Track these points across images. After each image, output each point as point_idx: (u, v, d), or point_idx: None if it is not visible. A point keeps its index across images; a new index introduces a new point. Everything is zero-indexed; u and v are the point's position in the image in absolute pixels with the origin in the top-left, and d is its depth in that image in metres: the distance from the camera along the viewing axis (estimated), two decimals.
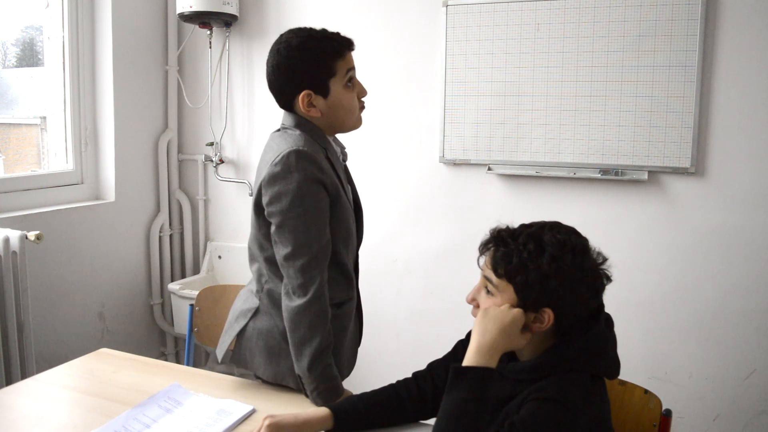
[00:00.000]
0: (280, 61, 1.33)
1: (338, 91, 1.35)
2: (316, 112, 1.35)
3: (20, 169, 2.64)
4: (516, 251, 1.06)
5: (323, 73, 1.32)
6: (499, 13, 2.30)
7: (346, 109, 1.37)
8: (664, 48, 2.10)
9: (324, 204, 1.31)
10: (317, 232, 1.29)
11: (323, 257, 1.31)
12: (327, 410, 1.19)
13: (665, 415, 1.31)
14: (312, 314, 1.29)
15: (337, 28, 1.30)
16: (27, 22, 2.62)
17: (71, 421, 1.26)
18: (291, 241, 1.28)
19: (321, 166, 1.30)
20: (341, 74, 1.34)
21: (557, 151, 2.28)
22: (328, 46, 1.32)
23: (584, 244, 1.08)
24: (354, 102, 1.38)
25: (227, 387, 1.42)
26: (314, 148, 1.32)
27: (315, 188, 1.28)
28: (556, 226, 1.10)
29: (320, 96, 1.34)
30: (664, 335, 2.24)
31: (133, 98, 2.71)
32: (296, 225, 1.28)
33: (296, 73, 1.32)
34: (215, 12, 2.58)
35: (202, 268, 2.95)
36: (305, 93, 1.32)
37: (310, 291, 1.28)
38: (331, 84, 1.33)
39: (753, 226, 2.10)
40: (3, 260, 1.98)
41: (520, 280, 1.05)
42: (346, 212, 1.38)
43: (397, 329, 2.64)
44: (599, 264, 1.08)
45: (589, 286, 1.06)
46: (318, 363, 1.30)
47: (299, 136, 1.32)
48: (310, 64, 1.31)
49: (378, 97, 2.56)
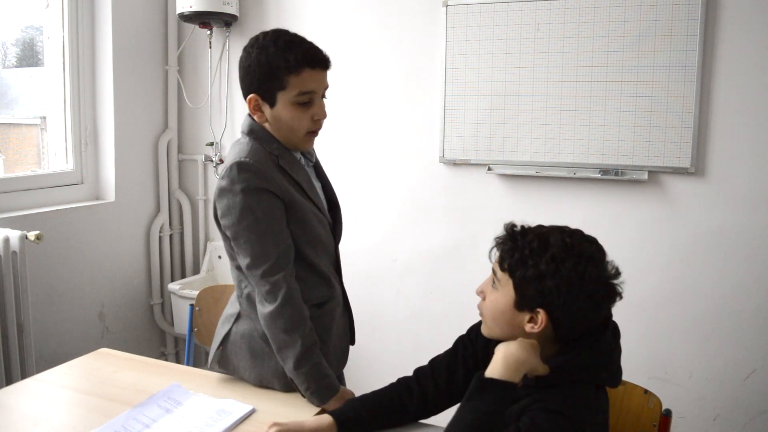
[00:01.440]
0: (243, 58, 1.33)
1: (284, 105, 1.31)
2: (262, 118, 1.34)
3: (20, 169, 2.64)
4: (520, 247, 1.06)
5: (272, 83, 1.29)
6: (499, 13, 2.30)
7: (289, 127, 1.33)
8: (664, 48, 2.10)
9: (275, 210, 1.30)
10: (274, 239, 1.30)
11: (285, 261, 1.31)
12: (330, 418, 1.19)
13: (665, 415, 1.31)
14: (285, 318, 1.30)
15: (337, 28, 1.29)
16: (27, 22, 2.62)
17: (71, 421, 1.26)
18: (248, 252, 1.29)
19: (265, 175, 1.29)
20: (291, 90, 1.29)
21: (557, 151, 2.28)
22: (286, 58, 1.27)
23: (593, 253, 1.05)
24: (300, 122, 1.32)
25: (227, 387, 1.42)
26: (259, 158, 1.30)
27: (262, 197, 1.29)
28: (570, 231, 1.08)
29: (267, 104, 1.32)
30: (664, 335, 2.24)
31: (133, 98, 2.71)
32: (249, 236, 1.29)
33: (249, 74, 1.32)
34: (215, 12, 2.58)
35: (202, 268, 2.95)
36: (252, 96, 1.33)
37: (278, 296, 1.29)
38: (278, 96, 1.30)
39: (753, 226, 2.10)
40: (3, 260, 1.98)
41: (519, 275, 1.05)
42: (307, 215, 1.36)
43: (397, 329, 2.64)
44: (608, 277, 1.05)
45: (589, 295, 1.02)
46: (303, 363, 1.30)
47: (246, 145, 1.33)
48: (262, 69, 1.29)
49: (378, 97, 2.57)
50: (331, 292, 1.45)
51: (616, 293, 1.06)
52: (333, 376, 1.36)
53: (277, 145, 1.35)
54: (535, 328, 1.05)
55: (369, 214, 2.64)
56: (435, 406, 1.25)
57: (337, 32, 2.58)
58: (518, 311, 1.07)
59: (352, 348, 1.59)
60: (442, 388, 1.24)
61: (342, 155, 2.60)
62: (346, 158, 2.61)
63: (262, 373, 1.41)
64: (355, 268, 2.61)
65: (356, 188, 2.63)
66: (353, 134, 2.57)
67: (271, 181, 1.29)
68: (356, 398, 1.26)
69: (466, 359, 1.24)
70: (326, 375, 1.33)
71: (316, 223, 1.39)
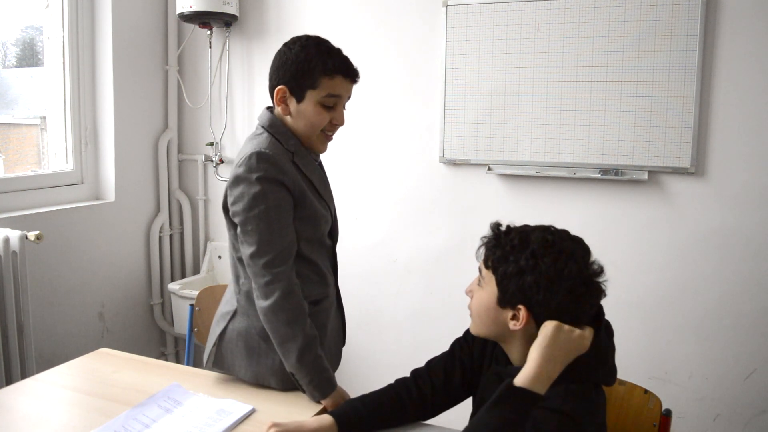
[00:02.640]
0: (282, 51, 1.38)
1: (311, 103, 1.35)
2: (286, 110, 1.38)
3: (20, 169, 2.64)
4: (502, 244, 1.07)
5: (305, 80, 1.34)
6: (499, 13, 2.30)
7: (309, 123, 1.37)
8: (664, 48, 2.10)
9: (286, 203, 1.33)
10: (280, 230, 1.32)
11: (288, 255, 1.33)
12: (330, 418, 1.19)
13: (665, 415, 1.31)
14: (287, 310, 1.31)
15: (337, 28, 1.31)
16: (27, 22, 2.62)
17: (71, 421, 1.26)
18: (255, 240, 1.31)
19: (282, 167, 1.33)
20: (321, 91, 1.34)
21: (557, 151, 2.28)
22: (324, 60, 1.33)
23: (574, 250, 1.04)
24: (320, 121, 1.37)
25: (227, 387, 1.42)
26: (277, 151, 1.34)
27: (276, 188, 1.32)
28: (554, 230, 1.09)
29: (294, 98, 1.36)
30: (664, 335, 2.24)
31: (133, 98, 2.71)
32: (259, 223, 1.31)
33: (284, 65, 1.36)
34: (215, 12, 2.58)
35: (202, 268, 2.95)
36: (282, 87, 1.36)
37: (278, 288, 1.31)
38: (307, 93, 1.35)
39: (753, 226, 2.10)
40: (3, 260, 1.98)
41: (501, 271, 1.06)
42: (315, 213, 1.40)
43: (397, 329, 2.64)
44: (590, 274, 1.04)
45: (569, 291, 1.02)
46: (306, 355, 1.31)
47: (265, 139, 1.36)
48: (299, 64, 1.34)
49: (378, 97, 2.57)
50: (327, 290, 1.47)
51: (598, 290, 1.05)
52: (331, 371, 1.38)
53: (294, 141, 1.39)
54: (517, 325, 1.05)
55: (369, 214, 2.64)
56: (433, 408, 1.26)
57: (337, 32, 2.58)
58: (501, 308, 1.08)
59: (352, 348, 1.60)
60: (439, 390, 1.24)
61: (342, 155, 2.60)
62: (346, 158, 2.61)
63: (258, 370, 1.41)
64: (355, 268, 2.61)
65: (356, 188, 2.63)
66: (353, 134, 2.57)
67: (287, 174, 1.33)
68: (356, 398, 1.26)
69: (462, 361, 1.25)
70: (326, 368, 1.35)
71: (322, 222, 1.42)
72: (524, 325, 1.05)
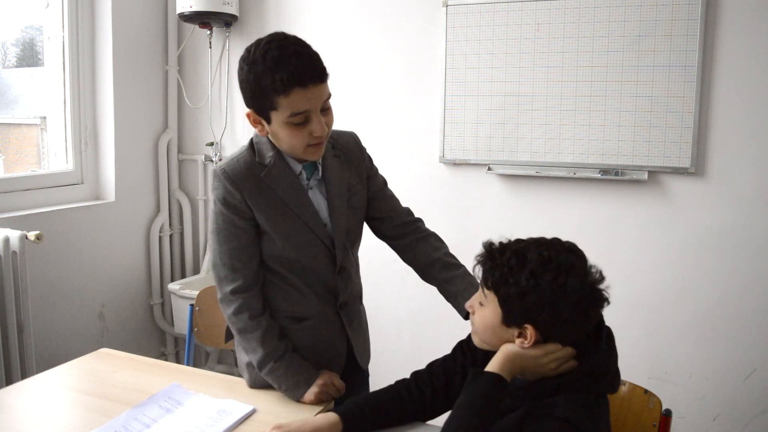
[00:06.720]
0: (238, 71, 1.26)
1: (279, 125, 1.23)
2: (263, 131, 1.29)
3: (20, 169, 2.64)
4: (499, 265, 1.06)
5: (263, 102, 1.21)
6: (499, 13, 2.30)
7: (288, 144, 1.26)
8: (664, 48, 2.10)
9: (234, 226, 1.32)
10: (229, 252, 1.34)
11: (237, 277, 1.34)
12: (335, 415, 1.20)
13: (665, 415, 1.31)
14: (235, 330, 1.37)
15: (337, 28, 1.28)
16: (27, 22, 2.62)
17: (71, 421, 1.26)
18: (212, 256, 1.37)
19: (239, 186, 1.29)
20: (283, 111, 1.20)
21: (557, 151, 2.28)
22: (273, 78, 1.16)
23: (572, 263, 1.03)
24: (298, 141, 1.24)
25: (227, 387, 1.42)
26: (240, 169, 1.30)
27: (226, 210, 1.31)
28: (546, 243, 1.07)
29: (264, 120, 1.25)
30: (664, 335, 2.24)
31: (133, 98, 2.71)
32: (211, 241, 1.36)
33: (242, 89, 1.25)
34: (215, 12, 2.58)
35: (202, 268, 2.95)
36: (250, 112, 1.27)
37: (227, 308, 1.36)
38: (271, 115, 1.22)
39: (753, 226, 2.10)
40: (3, 260, 1.98)
41: (503, 293, 1.05)
42: (288, 232, 1.33)
43: (397, 329, 2.64)
44: (592, 283, 1.04)
45: (574, 306, 1.01)
46: (262, 368, 1.34)
47: (238, 152, 1.35)
48: (252, 88, 1.21)
49: (378, 97, 2.57)
50: (311, 310, 1.39)
51: (602, 299, 1.05)
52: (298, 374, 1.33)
53: (273, 153, 1.31)
54: (526, 344, 1.04)
55: None
56: (433, 410, 1.26)
57: (337, 32, 2.58)
58: (507, 327, 1.07)
59: None
60: (440, 392, 1.24)
61: None
62: None
63: (251, 375, 1.41)
64: None
65: None
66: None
67: (243, 192, 1.30)
68: (358, 396, 1.27)
69: (464, 365, 1.24)
70: (292, 374, 1.33)
71: (301, 240, 1.34)
72: (533, 341, 1.04)
